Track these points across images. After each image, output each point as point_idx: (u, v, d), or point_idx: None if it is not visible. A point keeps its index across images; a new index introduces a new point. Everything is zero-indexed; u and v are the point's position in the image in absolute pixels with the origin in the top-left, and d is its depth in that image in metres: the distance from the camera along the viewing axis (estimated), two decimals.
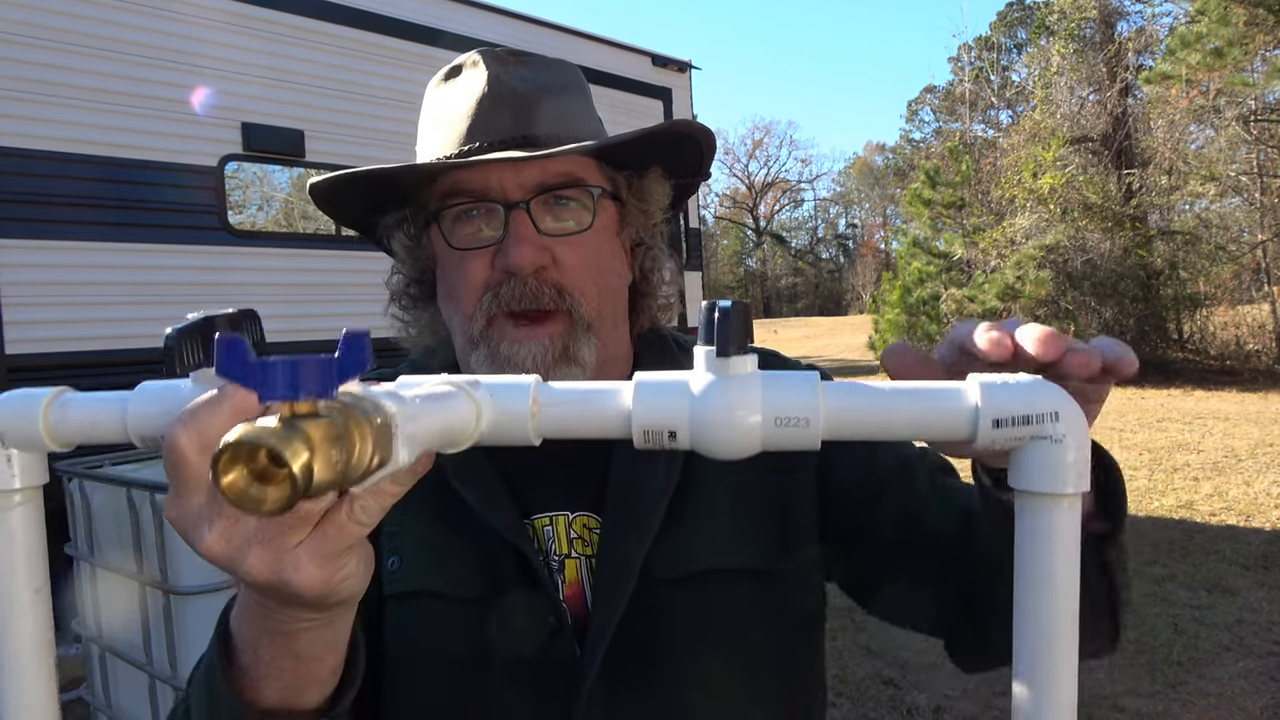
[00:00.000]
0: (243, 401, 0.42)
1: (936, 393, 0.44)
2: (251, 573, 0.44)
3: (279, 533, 0.43)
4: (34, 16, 3.94)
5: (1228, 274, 14.55)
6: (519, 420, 0.44)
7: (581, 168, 0.79)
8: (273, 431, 0.32)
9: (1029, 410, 0.42)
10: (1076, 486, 0.42)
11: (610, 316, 0.81)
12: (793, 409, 0.43)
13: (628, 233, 0.85)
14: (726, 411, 0.43)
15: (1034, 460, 0.43)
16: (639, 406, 0.44)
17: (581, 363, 0.77)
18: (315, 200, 0.84)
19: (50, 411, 0.48)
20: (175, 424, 0.42)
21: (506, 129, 0.77)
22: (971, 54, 26.55)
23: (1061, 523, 0.42)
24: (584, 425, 0.45)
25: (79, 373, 4.02)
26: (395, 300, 0.88)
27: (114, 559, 2.37)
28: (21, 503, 0.50)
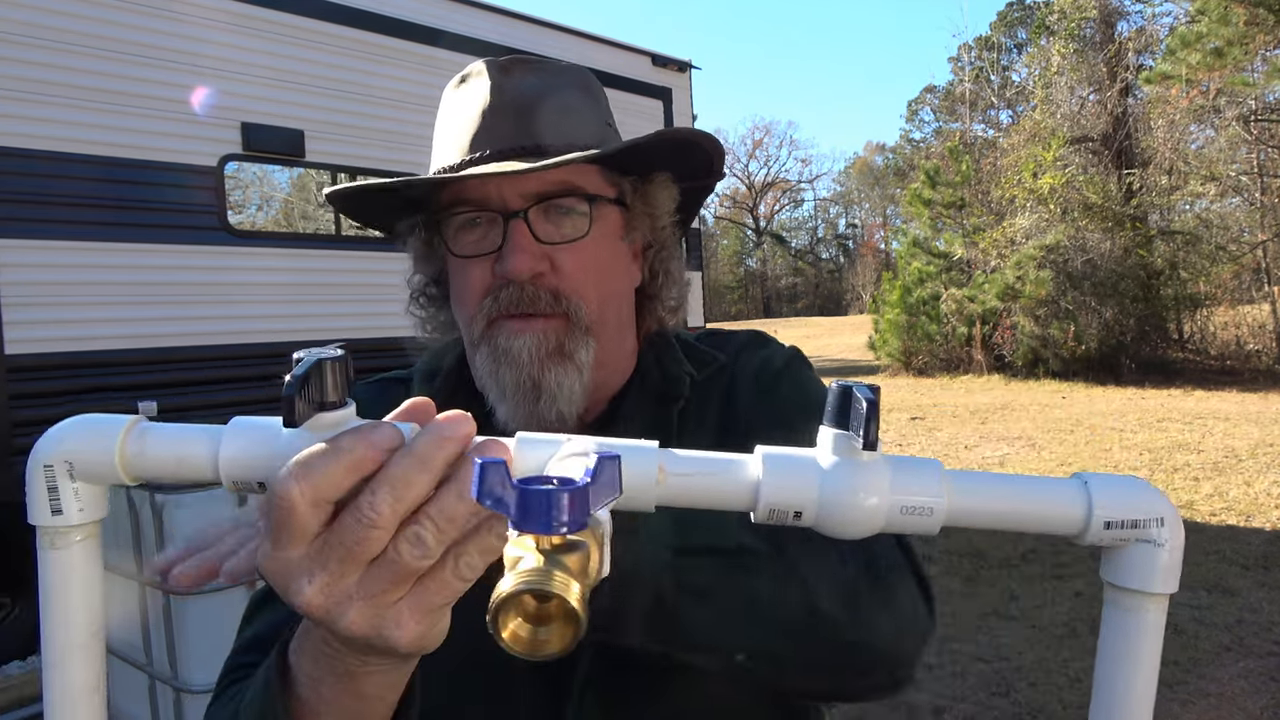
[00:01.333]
0: (360, 459, 0.41)
1: (1053, 488, 0.46)
2: (351, 629, 0.43)
3: (382, 589, 0.43)
4: (34, 16, 3.94)
5: (1228, 274, 14.54)
6: (646, 488, 0.43)
7: (581, 175, 0.80)
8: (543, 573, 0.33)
9: (1139, 515, 0.45)
10: (1169, 587, 0.46)
11: (613, 320, 0.83)
12: (918, 499, 0.44)
13: (635, 236, 0.86)
14: (854, 497, 0.43)
15: (1135, 561, 0.46)
16: (768, 484, 0.44)
17: (578, 363, 0.78)
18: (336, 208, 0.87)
19: (129, 441, 0.45)
20: (288, 476, 0.41)
21: (507, 139, 0.79)
22: (971, 54, 26.55)
23: (1152, 620, 0.46)
24: (708, 496, 0.45)
25: (79, 373, 4.02)
26: (415, 299, 0.91)
27: (114, 559, 2.37)
28: (82, 540, 0.46)
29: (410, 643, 0.44)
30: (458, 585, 0.44)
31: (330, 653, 0.50)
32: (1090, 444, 8.27)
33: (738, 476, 0.44)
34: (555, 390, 0.77)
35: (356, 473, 0.42)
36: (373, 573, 0.43)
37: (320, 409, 0.42)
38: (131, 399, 4.19)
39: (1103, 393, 12.12)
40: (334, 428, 0.43)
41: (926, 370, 15.65)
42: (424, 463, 0.42)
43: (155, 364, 4.27)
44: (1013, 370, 14.24)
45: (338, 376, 0.43)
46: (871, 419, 0.42)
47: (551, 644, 0.34)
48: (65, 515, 0.45)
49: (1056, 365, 13.60)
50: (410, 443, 0.43)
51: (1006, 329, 14.36)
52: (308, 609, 0.43)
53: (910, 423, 10.21)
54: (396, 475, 0.41)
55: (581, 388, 0.78)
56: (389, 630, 0.44)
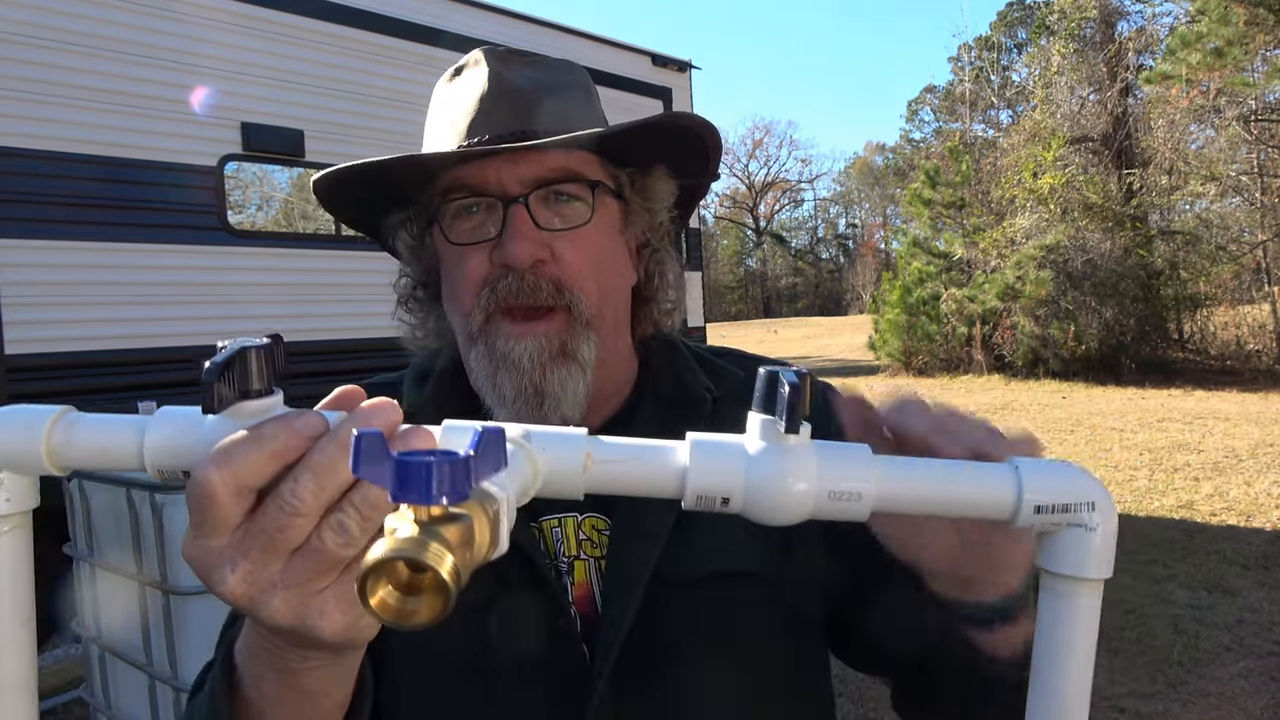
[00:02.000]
0: (283, 447, 0.41)
1: (984, 473, 0.46)
2: (274, 617, 0.42)
3: (306, 578, 0.42)
4: (34, 16, 3.94)
5: (1228, 274, 14.54)
6: (572, 475, 0.43)
7: (581, 163, 0.78)
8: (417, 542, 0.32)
9: (1069, 499, 0.45)
10: (1102, 572, 0.46)
11: (611, 315, 0.80)
12: (846, 483, 0.44)
13: (632, 232, 0.84)
14: (781, 483, 0.43)
15: (1068, 546, 0.46)
16: (695, 470, 0.43)
17: (581, 361, 0.75)
18: (319, 199, 0.83)
19: (55, 432, 0.44)
20: (208, 463, 0.40)
21: (505, 124, 0.77)
22: (972, 54, 26.55)
23: (1086, 605, 0.46)
24: (636, 483, 0.44)
25: (79, 373, 4.02)
26: (402, 303, 0.87)
27: (114, 559, 2.37)
28: (10, 530, 0.46)
29: (336, 633, 0.43)
30: None
31: (268, 648, 0.49)
32: (1090, 444, 8.27)
33: (665, 463, 0.44)
34: (559, 394, 0.74)
35: (279, 460, 0.41)
36: (296, 561, 0.42)
37: (244, 397, 0.41)
38: (131, 399, 4.19)
39: (1103, 393, 12.12)
40: (257, 415, 0.42)
41: (926, 370, 15.64)
42: (347, 450, 0.40)
43: (155, 364, 4.26)
44: (1013, 370, 14.24)
45: (262, 364, 0.42)
46: (795, 403, 0.42)
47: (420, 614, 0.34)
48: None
49: (1056, 365, 13.60)
50: (334, 429, 0.42)
51: (1006, 329, 14.36)
52: (231, 597, 0.42)
53: None
54: (320, 462, 0.41)
55: (585, 388, 0.76)
56: (314, 620, 0.43)
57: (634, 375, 0.86)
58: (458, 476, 0.32)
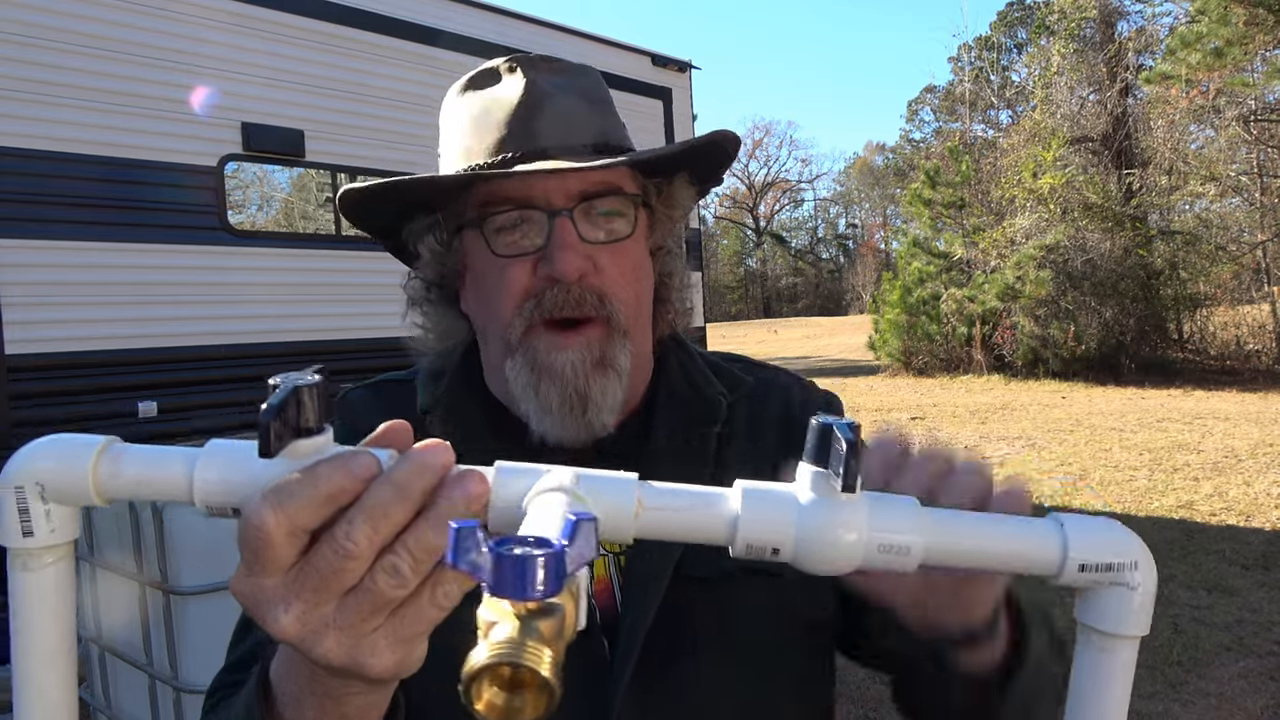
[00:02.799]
0: (337, 490, 0.41)
1: (1029, 529, 0.47)
2: (327, 657, 0.43)
3: (360, 619, 0.42)
4: (34, 16, 3.94)
5: (1228, 274, 14.55)
6: (623, 520, 0.43)
7: (620, 177, 0.79)
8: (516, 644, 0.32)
9: (1113, 559, 0.46)
10: (1142, 629, 0.47)
11: (643, 323, 0.82)
12: (895, 537, 0.44)
13: (653, 239, 0.85)
14: (832, 535, 0.44)
15: (1109, 603, 0.47)
16: (746, 520, 0.44)
17: (618, 369, 0.77)
18: (343, 206, 0.83)
19: (102, 463, 0.44)
20: (263, 503, 0.40)
21: (547, 137, 0.77)
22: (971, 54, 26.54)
23: (1123, 660, 0.48)
24: (686, 530, 0.44)
25: (79, 373, 4.02)
26: (415, 305, 0.88)
27: (114, 559, 2.37)
28: (54, 561, 0.45)
29: (386, 670, 0.44)
30: (435, 614, 0.43)
31: (310, 674, 0.49)
32: (1090, 444, 8.27)
33: (716, 511, 0.44)
34: (600, 401, 0.76)
35: (333, 503, 0.41)
36: (349, 602, 0.42)
37: (296, 435, 0.41)
38: (132, 399, 4.19)
39: (1103, 393, 12.12)
40: (311, 455, 0.42)
41: (926, 370, 15.64)
42: (402, 493, 0.41)
43: (155, 364, 4.26)
44: (1013, 370, 14.24)
45: (315, 402, 0.42)
46: (851, 459, 0.42)
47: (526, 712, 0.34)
48: (36, 537, 0.44)
49: (1056, 365, 13.61)
50: (388, 472, 0.42)
51: (1006, 329, 14.36)
52: (284, 636, 0.42)
53: (910, 423, 10.21)
54: (374, 505, 0.41)
55: (622, 393, 0.77)
56: (365, 659, 0.43)
57: (650, 376, 0.88)
58: (554, 570, 0.32)
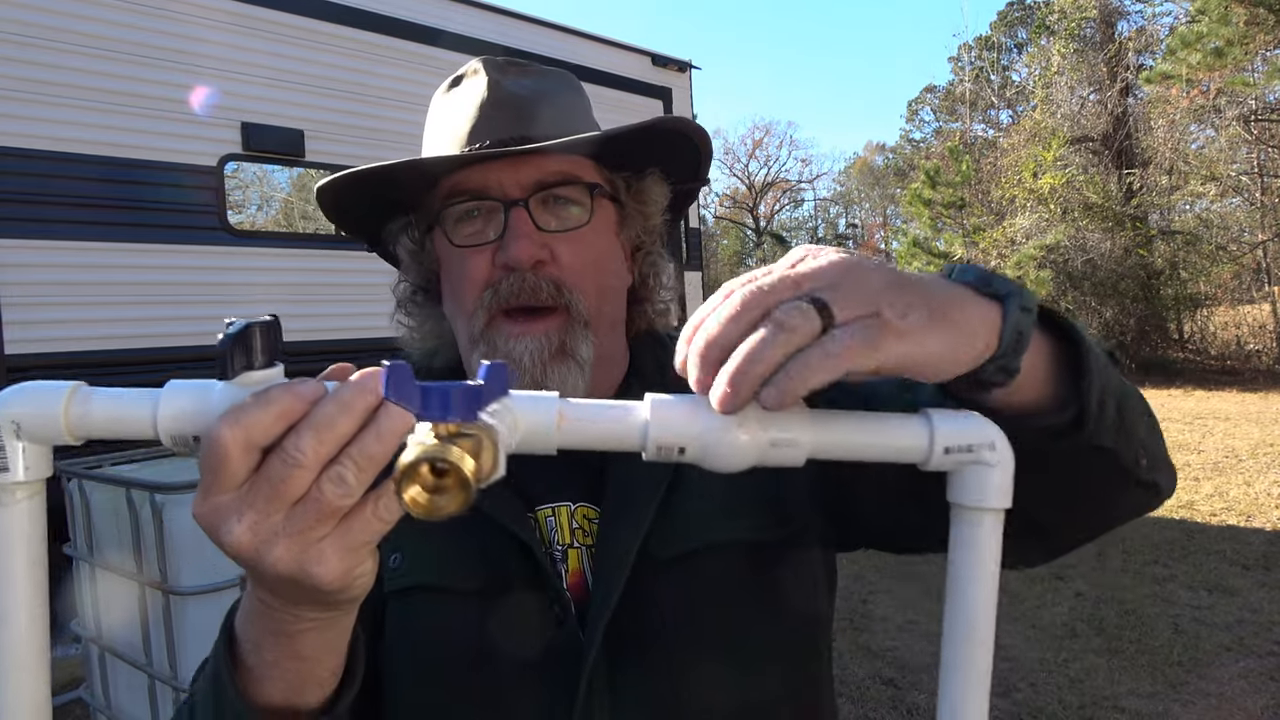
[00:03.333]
0: (288, 407, 0.45)
1: (902, 423, 0.53)
2: (276, 565, 0.46)
3: (307, 526, 0.45)
4: (34, 16, 3.94)
5: (1228, 274, 14.56)
6: (546, 430, 0.48)
7: (579, 167, 0.80)
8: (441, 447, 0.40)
9: (973, 440, 0.52)
10: (1002, 503, 0.52)
11: (609, 317, 0.83)
12: (784, 434, 0.50)
13: (627, 235, 0.86)
14: (727, 434, 0.49)
15: (973, 480, 0.52)
16: (655, 424, 0.49)
17: (579, 360, 0.78)
18: (323, 207, 0.86)
19: (73, 404, 0.48)
20: (221, 422, 0.44)
21: (505, 130, 0.80)
22: (972, 54, 26.54)
23: (989, 531, 0.52)
24: (602, 438, 0.50)
25: (79, 373, 4.02)
26: (401, 307, 0.90)
27: (113, 559, 2.37)
28: (26, 497, 0.49)
29: (334, 579, 0.47)
30: (378, 525, 0.47)
31: (265, 610, 0.53)
32: None
33: (628, 419, 0.49)
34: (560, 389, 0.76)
35: (284, 420, 0.45)
36: (298, 511, 0.45)
37: (250, 368, 0.46)
38: None
39: None
40: (262, 384, 0.47)
41: None
42: (346, 407, 0.45)
43: (155, 364, 4.26)
44: None
45: (267, 339, 0.47)
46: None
47: (448, 507, 0.41)
48: (12, 473, 0.48)
49: None
50: (335, 391, 0.46)
51: None
52: (237, 547, 0.46)
53: None
54: (320, 418, 0.45)
55: (584, 386, 0.78)
56: (313, 566, 0.46)
57: (625, 373, 0.89)
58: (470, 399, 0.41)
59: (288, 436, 0.45)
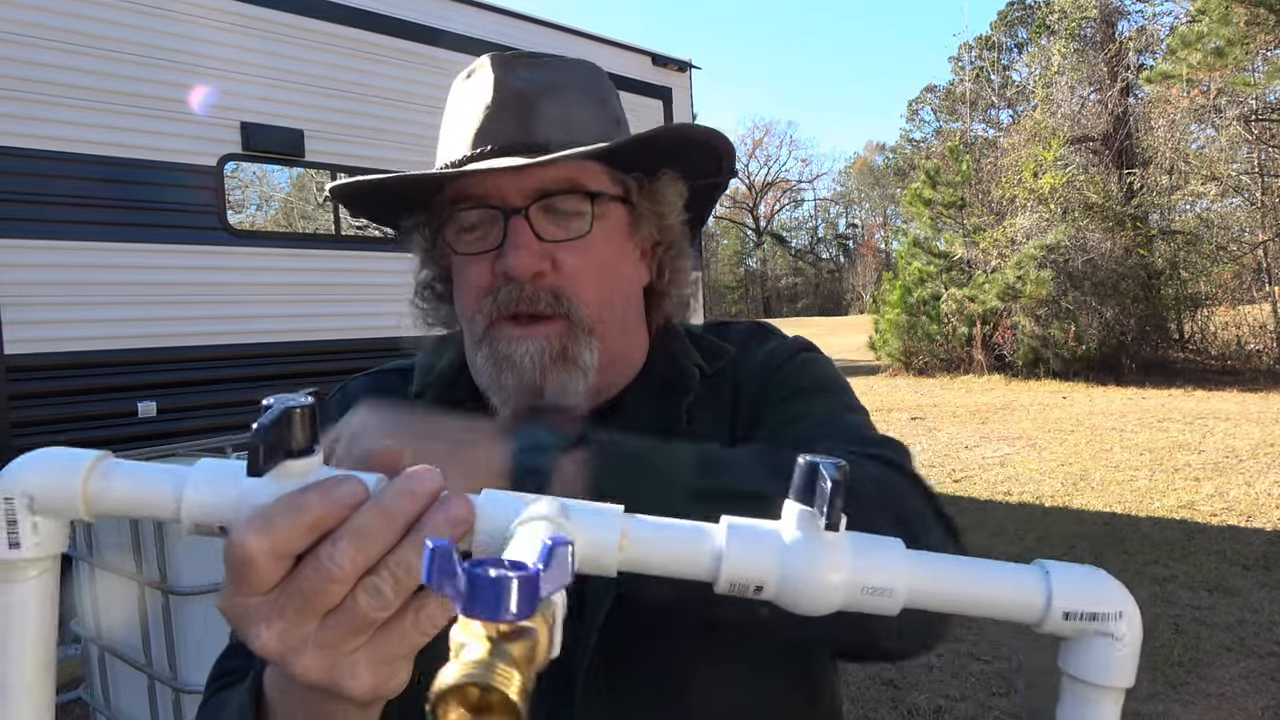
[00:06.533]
0: (323, 517, 0.41)
1: (1013, 575, 0.47)
2: (306, 674, 0.43)
3: (340, 639, 0.43)
4: (34, 16, 3.94)
5: (1229, 274, 14.55)
6: (607, 554, 0.44)
7: (583, 172, 0.79)
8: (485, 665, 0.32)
9: (1097, 608, 0.46)
10: (1126, 681, 0.46)
11: (617, 320, 0.82)
12: (879, 579, 0.44)
13: (641, 235, 0.85)
14: (817, 575, 0.43)
15: (1093, 653, 0.46)
16: (730, 558, 0.44)
17: (581, 365, 0.77)
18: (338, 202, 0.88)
19: (92, 478, 0.44)
20: (247, 529, 0.41)
21: (508, 134, 0.79)
22: (972, 53, 26.55)
23: (1107, 712, 0.47)
24: (669, 565, 0.45)
25: (79, 373, 4.02)
26: (419, 293, 0.90)
27: (113, 559, 2.37)
28: (36, 574, 0.45)
29: (366, 692, 0.44)
30: (417, 638, 0.43)
31: (301, 693, 0.49)
32: (1091, 444, 8.26)
33: (700, 547, 0.44)
34: (559, 392, 0.77)
35: (318, 530, 0.42)
36: (330, 622, 0.43)
37: (287, 456, 0.42)
38: (131, 399, 4.19)
39: (1103, 393, 12.12)
40: (300, 476, 0.43)
41: (927, 370, 15.64)
42: (388, 517, 0.42)
43: (155, 364, 4.26)
44: (1013, 370, 14.24)
45: (306, 423, 0.42)
46: (835, 498, 0.42)
47: None
48: (22, 549, 0.44)
49: (1057, 365, 13.60)
50: (376, 496, 0.42)
51: (1007, 329, 14.36)
52: (264, 652, 0.43)
53: (910, 423, 10.21)
54: (359, 528, 0.41)
55: (586, 387, 0.78)
56: (344, 679, 0.43)
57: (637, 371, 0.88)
58: (527, 593, 0.32)
59: (322, 545, 0.42)
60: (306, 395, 0.43)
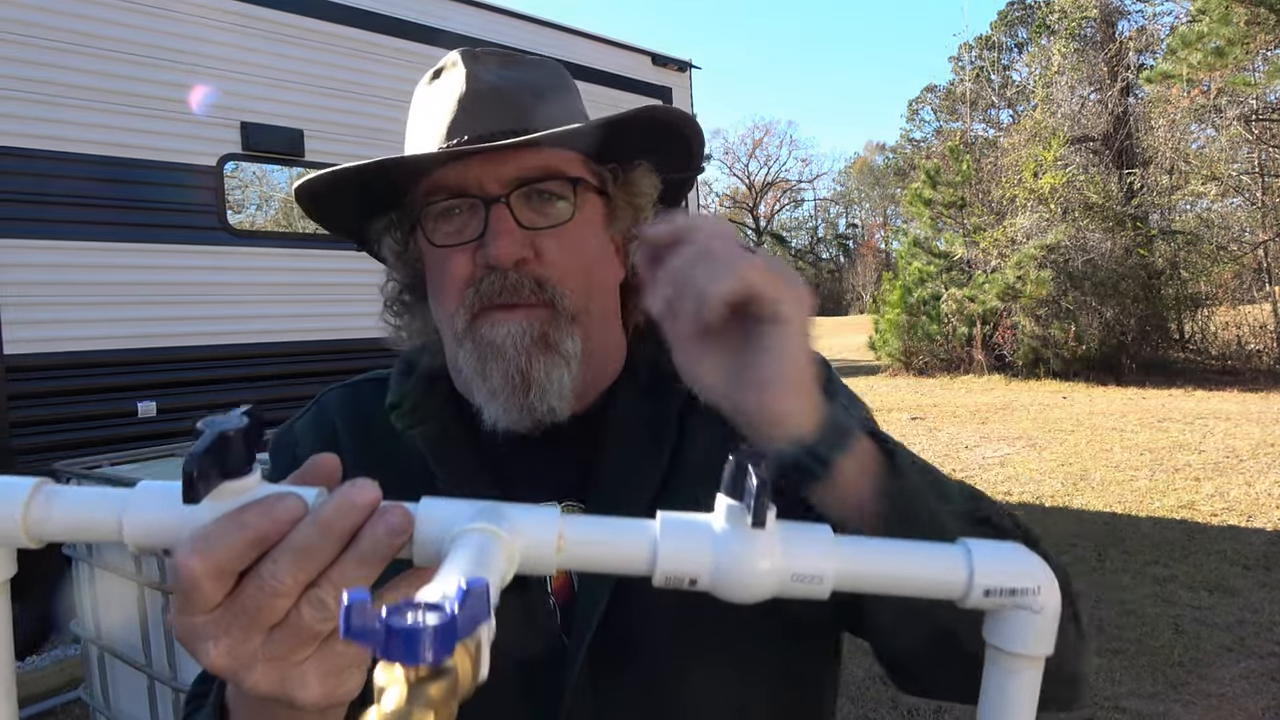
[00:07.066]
0: (262, 534, 0.42)
1: (936, 555, 0.48)
2: (256, 687, 0.44)
3: (286, 651, 0.43)
4: (34, 16, 3.94)
5: (1229, 274, 14.54)
6: (546, 556, 0.45)
7: (562, 161, 0.78)
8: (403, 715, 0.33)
9: (1017, 583, 0.48)
10: (1045, 650, 0.49)
11: (599, 312, 0.81)
12: (808, 568, 0.46)
13: (617, 228, 0.84)
14: (747, 565, 0.45)
15: (1014, 625, 0.48)
16: (664, 553, 0.45)
17: (564, 354, 0.76)
18: (304, 208, 0.83)
19: (33, 506, 0.44)
20: (188, 550, 0.42)
21: (484, 125, 0.77)
22: (972, 53, 26.54)
23: (1028, 679, 0.49)
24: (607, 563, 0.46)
25: (79, 373, 4.02)
26: (388, 307, 0.88)
27: (112, 559, 2.37)
28: None
29: (317, 700, 0.45)
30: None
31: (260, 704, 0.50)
32: (1091, 444, 8.26)
33: (636, 543, 0.46)
34: (545, 383, 0.75)
35: (258, 547, 0.42)
36: (276, 636, 0.43)
37: (224, 477, 0.42)
38: (131, 399, 4.19)
39: (1103, 393, 12.12)
40: (237, 496, 0.43)
41: (927, 370, 15.64)
42: (326, 532, 0.42)
43: (155, 364, 4.26)
44: (1013, 370, 14.24)
45: (240, 445, 0.42)
46: (762, 495, 0.44)
47: None
48: None
49: (1057, 365, 13.60)
50: (315, 511, 0.43)
51: (1007, 329, 14.36)
52: (214, 669, 0.44)
53: (910, 423, 10.21)
54: (299, 544, 0.42)
55: (571, 381, 0.76)
56: (294, 690, 0.44)
57: (621, 365, 0.87)
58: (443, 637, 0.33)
59: (263, 563, 0.42)
60: (241, 415, 0.43)
